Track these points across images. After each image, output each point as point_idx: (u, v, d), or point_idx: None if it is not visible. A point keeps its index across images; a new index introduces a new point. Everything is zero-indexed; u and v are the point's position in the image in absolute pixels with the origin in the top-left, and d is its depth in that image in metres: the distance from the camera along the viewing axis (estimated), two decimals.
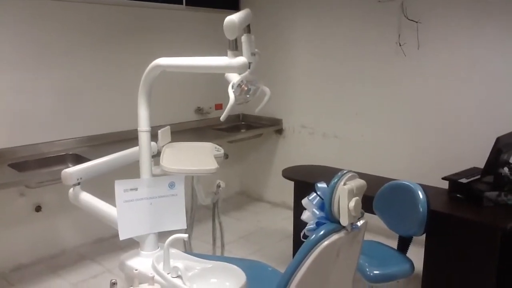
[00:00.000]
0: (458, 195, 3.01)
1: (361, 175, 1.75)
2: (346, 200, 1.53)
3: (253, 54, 1.75)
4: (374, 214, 2.80)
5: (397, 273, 2.49)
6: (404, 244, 2.69)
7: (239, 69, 1.51)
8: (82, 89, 3.77)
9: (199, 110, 4.76)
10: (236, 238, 4.13)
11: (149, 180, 1.70)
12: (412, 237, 2.66)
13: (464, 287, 2.75)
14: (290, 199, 3.77)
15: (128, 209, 1.63)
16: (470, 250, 2.70)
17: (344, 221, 1.55)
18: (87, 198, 2.05)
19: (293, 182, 3.56)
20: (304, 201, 1.67)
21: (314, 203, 1.63)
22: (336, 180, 1.59)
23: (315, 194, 1.65)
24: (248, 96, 1.83)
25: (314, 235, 1.55)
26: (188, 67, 1.61)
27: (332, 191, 1.57)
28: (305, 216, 1.66)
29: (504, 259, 2.91)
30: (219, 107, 4.99)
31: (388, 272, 2.46)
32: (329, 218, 1.59)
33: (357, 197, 1.55)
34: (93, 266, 3.49)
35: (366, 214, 2.71)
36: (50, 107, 3.60)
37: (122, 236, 1.63)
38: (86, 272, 3.44)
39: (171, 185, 1.72)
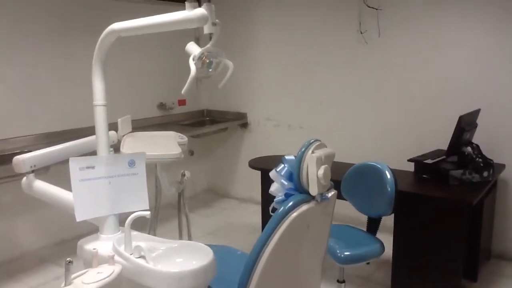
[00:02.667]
0: (424, 176, 3.04)
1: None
2: (314, 169, 1.48)
3: (214, 24, 1.68)
4: (343, 199, 2.77)
5: (367, 253, 2.46)
6: (373, 225, 2.67)
7: (198, 21, 1.42)
8: (40, 84, 3.60)
9: (161, 106, 4.65)
10: (204, 233, 4.04)
11: (107, 158, 1.60)
12: (381, 218, 2.65)
13: (434, 263, 2.77)
14: (257, 194, 3.72)
15: (85, 189, 1.52)
16: (439, 226, 2.71)
17: (313, 190, 1.50)
18: (41, 186, 1.93)
19: (259, 177, 3.52)
20: (272, 173, 1.61)
21: (282, 174, 1.57)
22: (303, 149, 1.54)
23: (283, 165, 1.59)
24: (210, 70, 1.76)
25: (283, 207, 1.49)
26: (145, 27, 1.51)
27: (300, 160, 1.52)
28: (273, 188, 1.60)
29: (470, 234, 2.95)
30: (183, 102, 4.90)
31: (358, 253, 2.43)
32: (298, 189, 1.54)
33: (326, 165, 1.50)
34: (54, 268, 3.32)
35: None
36: (6, 103, 3.42)
37: (78, 218, 1.52)
38: (47, 275, 3.27)
39: (131, 164, 1.62)
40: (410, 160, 3.09)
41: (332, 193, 1.65)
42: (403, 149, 3.56)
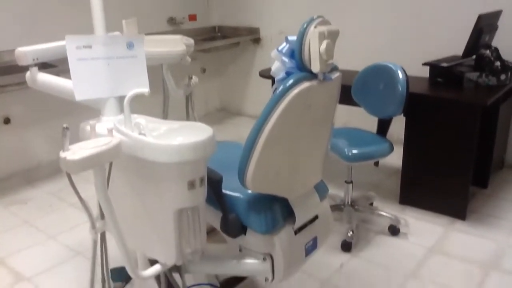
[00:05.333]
0: (439, 80, 2.95)
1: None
2: (317, 44, 1.42)
3: None
4: (353, 105, 2.72)
5: (375, 152, 2.44)
6: (383, 127, 2.63)
7: None
8: None
9: (171, 20, 4.53)
10: None
11: (105, 38, 1.56)
12: (391, 120, 2.60)
13: (443, 169, 2.75)
14: None
15: (83, 68, 1.50)
16: (450, 131, 2.67)
17: (315, 67, 1.45)
18: (45, 78, 1.91)
19: (271, 92, 3.45)
20: (273, 52, 1.56)
21: (283, 52, 1.52)
22: (306, 24, 1.48)
23: (285, 43, 1.54)
24: None
25: (283, 85, 1.45)
26: None
27: (302, 35, 1.46)
28: (274, 67, 1.56)
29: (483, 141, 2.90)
30: (193, 18, 4.77)
31: (366, 151, 2.42)
32: (300, 67, 1.49)
33: (329, 40, 1.44)
34: None
35: (345, 107, 2.66)
36: (15, 13, 3.36)
37: (78, 97, 1.51)
38: (62, 182, 3.37)
39: (130, 46, 1.58)
40: (425, 64, 2.99)
41: (336, 75, 1.60)
42: (419, 55, 3.43)
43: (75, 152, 1.21)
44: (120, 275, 2.22)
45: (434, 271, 2.31)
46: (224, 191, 1.61)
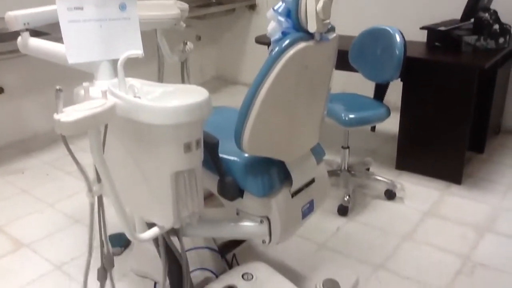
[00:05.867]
0: (436, 44, 2.92)
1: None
2: (313, 2, 1.40)
3: None
4: (350, 70, 2.70)
5: (372, 116, 2.44)
6: (380, 92, 2.61)
7: None
8: None
9: None
10: None
11: None
12: (388, 85, 2.58)
13: (440, 134, 2.76)
14: None
15: (75, 31, 1.47)
16: (447, 95, 2.66)
17: (311, 26, 1.42)
18: (36, 42, 1.88)
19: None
20: (269, 12, 1.53)
21: (279, 11, 1.49)
22: None
23: (281, 3, 1.51)
24: None
25: (279, 45, 1.43)
26: None
27: None
28: (270, 28, 1.53)
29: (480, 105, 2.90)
30: None
31: (363, 116, 2.41)
32: (296, 27, 1.46)
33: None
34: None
35: (342, 73, 2.64)
36: None
37: (70, 60, 1.48)
38: (59, 152, 3.35)
39: (122, 7, 1.55)
40: (422, 28, 2.95)
41: (333, 35, 1.57)
42: (416, 19, 3.38)
43: (69, 114, 1.20)
44: (119, 240, 2.25)
45: (429, 233, 2.34)
46: (220, 155, 1.60)
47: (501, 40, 2.77)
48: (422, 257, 2.16)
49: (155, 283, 1.94)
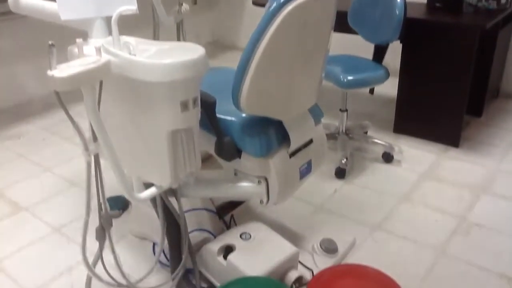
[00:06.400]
0: (437, 4, 2.87)
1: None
2: None
3: None
4: (349, 32, 2.65)
5: (371, 78, 2.41)
6: (379, 54, 2.57)
7: None
8: None
9: None
10: None
11: None
12: (388, 46, 2.54)
13: (438, 97, 2.74)
14: None
15: None
16: (447, 57, 2.63)
17: None
18: (28, 0, 1.83)
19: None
20: None
21: None
22: None
23: None
24: None
25: (277, 0, 1.39)
26: None
27: None
28: None
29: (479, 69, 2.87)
30: None
31: (362, 77, 2.39)
32: None
33: None
34: (61, 112, 3.35)
35: (340, 35, 2.60)
36: None
37: (63, 16, 1.45)
38: (54, 118, 3.33)
39: None
40: None
41: None
42: None
43: (62, 70, 1.17)
44: (117, 203, 2.26)
45: (426, 195, 2.35)
46: (218, 115, 1.59)
47: (503, 0, 2.71)
48: (419, 217, 2.18)
49: (153, 244, 1.96)
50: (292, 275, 1.66)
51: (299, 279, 1.67)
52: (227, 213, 2.04)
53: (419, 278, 1.81)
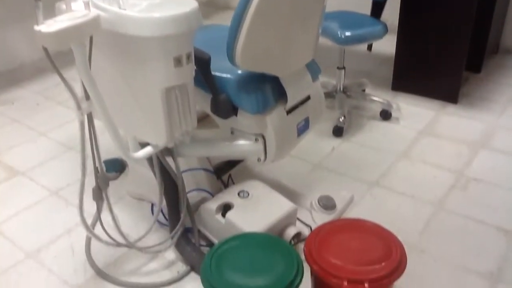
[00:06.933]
0: None
1: None
2: None
3: None
4: None
5: (369, 33, 2.36)
6: (377, 8, 2.51)
7: None
8: None
9: None
10: None
11: None
12: (385, 1, 2.47)
13: (437, 54, 2.69)
14: None
15: None
16: (446, 10, 2.57)
17: None
18: None
19: None
20: None
21: None
22: None
23: None
24: None
25: None
26: None
27: None
28: None
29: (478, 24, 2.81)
30: None
31: (360, 33, 2.34)
32: None
33: None
34: (55, 76, 3.28)
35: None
36: None
37: None
38: (47, 82, 3.27)
39: None
40: None
41: None
42: None
43: (50, 25, 1.13)
44: (114, 165, 2.24)
45: (424, 151, 2.35)
46: (213, 72, 1.55)
47: None
48: (417, 174, 2.18)
49: (152, 205, 1.96)
50: (291, 231, 1.66)
51: (298, 235, 1.68)
52: (225, 173, 2.04)
53: (417, 233, 1.82)
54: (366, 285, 1.19)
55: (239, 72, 1.56)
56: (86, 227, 1.47)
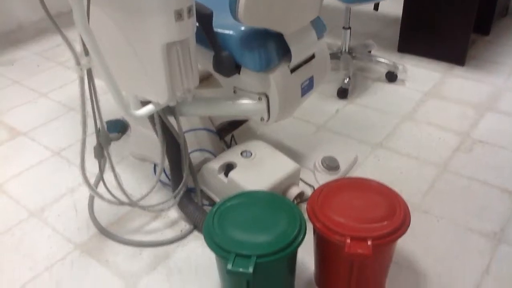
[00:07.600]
0: None
1: None
2: None
3: None
4: None
5: None
6: None
7: None
8: None
9: None
10: None
11: None
12: None
13: (444, 16, 2.62)
14: None
15: None
16: None
17: None
18: None
19: None
20: None
21: None
22: None
23: None
24: None
25: None
26: None
27: None
28: None
29: None
30: None
31: None
32: None
33: None
34: (55, 37, 3.24)
35: None
36: None
37: None
38: (48, 43, 3.22)
39: None
40: None
41: None
42: None
43: None
44: (116, 126, 2.23)
45: (430, 113, 2.31)
46: (215, 29, 1.51)
47: None
48: (422, 135, 2.16)
49: (154, 165, 1.95)
50: (294, 191, 1.66)
51: (300, 195, 1.68)
52: (228, 133, 2.02)
53: (421, 193, 1.81)
54: (369, 242, 1.18)
55: (242, 28, 1.52)
56: (88, 185, 1.46)
